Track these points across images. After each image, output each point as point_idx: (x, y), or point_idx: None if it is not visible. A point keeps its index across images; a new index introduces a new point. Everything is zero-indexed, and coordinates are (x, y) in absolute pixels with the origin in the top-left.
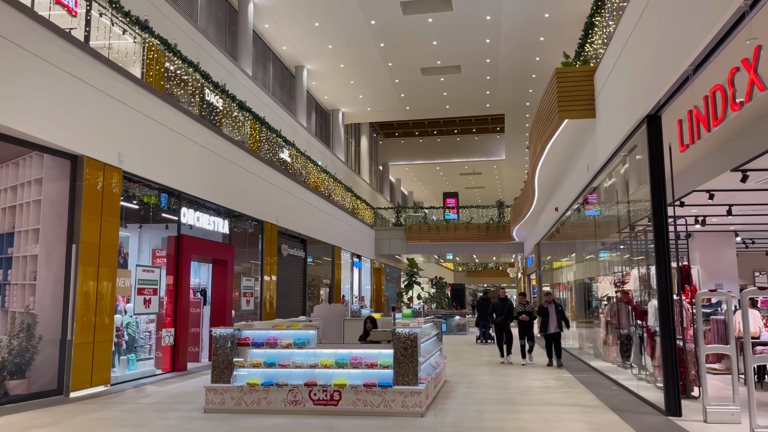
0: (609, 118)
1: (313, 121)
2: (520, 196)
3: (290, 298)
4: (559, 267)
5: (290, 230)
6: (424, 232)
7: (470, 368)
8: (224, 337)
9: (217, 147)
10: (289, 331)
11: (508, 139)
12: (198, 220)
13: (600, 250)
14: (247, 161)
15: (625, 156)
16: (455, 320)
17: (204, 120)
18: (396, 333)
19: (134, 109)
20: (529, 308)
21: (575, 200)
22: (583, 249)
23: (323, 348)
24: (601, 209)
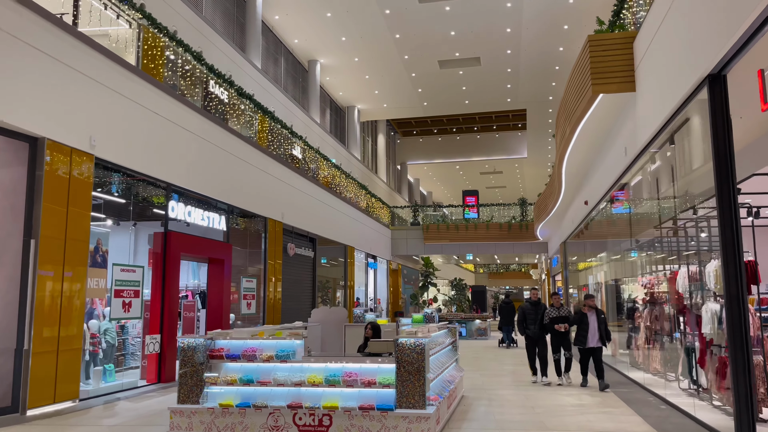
0: (653, 89)
1: (328, 118)
2: (545, 191)
3: (298, 300)
4: (587, 267)
5: (298, 228)
6: (442, 232)
7: (491, 380)
8: (193, 347)
9: (214, 137)
10: (270, 341)
11: (530, 136)
12: (189, 215)
13: (639, 245)
14: (248, 153)
15: (673, 133)
16: (476, 324)
17: (198, 107)
18: (399, 344)
19: (112, 90)
20: (565, 312)
21: (610, 189)
22: (617, 245)
23: (311, 361)
24: (642, 198)
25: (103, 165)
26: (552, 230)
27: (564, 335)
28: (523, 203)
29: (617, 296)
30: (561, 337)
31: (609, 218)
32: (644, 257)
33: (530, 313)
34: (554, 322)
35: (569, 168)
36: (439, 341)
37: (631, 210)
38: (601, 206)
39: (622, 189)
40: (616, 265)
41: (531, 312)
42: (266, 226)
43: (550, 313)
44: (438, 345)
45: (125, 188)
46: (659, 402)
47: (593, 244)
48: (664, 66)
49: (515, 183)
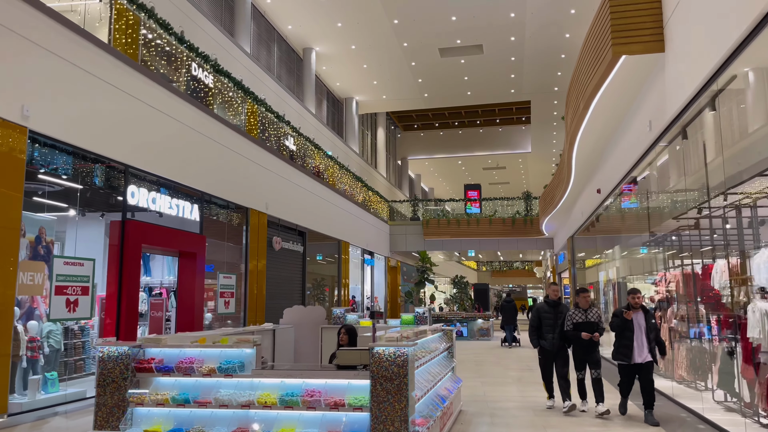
0: (688, 45)
1: (324, 109)
2: (552, 181)
3: (286, 298)
4: (597, 264)
5: (285, 221)
6: (443, 227)
7: (494, 390)
8: (115, 357)
9: (187, 117)
10: (213, 349)
11: (535, 130)
12: (154, 202)
13: (661, 237)
14: (227, 137)
15: (715, 97)
16: (478, 324)
17: (168, 83)
18: (375, 354)
19: (52, 53)
20: (594, 316)
21: (629, 172)
22: (634, 238)
23: (263, 376)
24: (668, 180)
25: (48, 143)
26: (558, 225)
27: (591, 347)
28: (527, 197)
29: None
30: (587, 350)
31: (626, 207)
32: (668, 249)
33: (548, 317)
34: (579, 329)
35: (581, 151)
36: (431, 347)
37: (649, 197)
38: (617, 193)
39: (642, 172)
40: (633, 260)
41: (549, 315)
42: (248, 218)
43: (574, 316)
44: (429, 353)
45: (86, 173)
46: (696, 420)
47: (605, 237)
48: (704, 14)
49: (518, 179)
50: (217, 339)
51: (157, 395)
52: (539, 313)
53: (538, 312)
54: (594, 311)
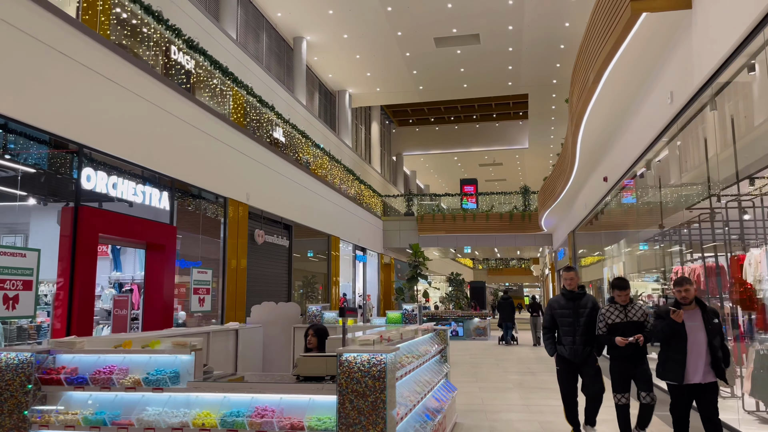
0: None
1: (316, 102)
2: (552, 172)
3: (270, 295)
4: (599, 261)
5: (269, 213)
6: (438, 223)
7: (494, 397)
8: (15, 366)
9: (156, 97)
10: (140, 355)
11: (532, 125)
12: (115, 187)
13: (678, 226)
14: (204, 121)
15: (754, 57)
16: (474, 323)
17: (137, 59)
18: (343, 362)
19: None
20: (637, 314)
21: (644, 153)
22: (645, 228)
23: (202, 390)
24: (688, 162)
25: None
26: (558, 219)
27: (637, 357)
28: (525, 191)
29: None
30: (631, 361)
31: (636, 195)
32: (684, 241)
33: (565, 315)
34: (616, 332)
35: (587, 135)
36: (420, 351)
37: (663, 184)
38: (629, 177)
39: (657, 155)
40: (642, 255)
41: (567, 312)
42: (226, 209)
43: (609, 314)
44: (416, 357)
45: (38, 154)
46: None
47: (610, 230)
48: None
49: (515, 175)
50: (148, 342)
51: (66, 414)
52: (553, 310)
53: (552, 308)
54: (636, 308)
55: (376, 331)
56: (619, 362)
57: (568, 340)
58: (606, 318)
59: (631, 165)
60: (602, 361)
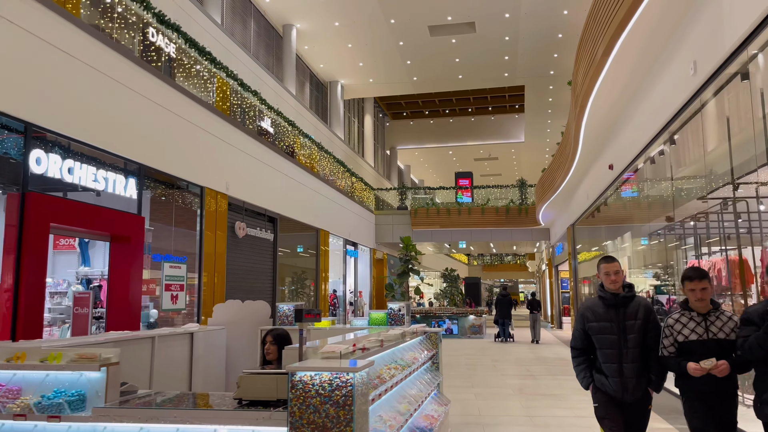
0: None
1: (307, 92)
2: (552, 163)
3: (253, 292)
4: (599, 256)
5: (252, 204)
6: (432, 217)
7: (492, 404)
8: None
9: (124, 75)
10: (36, 371)
11: (529, 118)
12: (70, 172)
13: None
14: (178, 103)
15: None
16: (469, 320)
17: (104, 34)
18: (297, 382)
19: None
20: (724, 327)
21: (657, 136)
22: (654, 218)
23: (114, 418)
24: (709, 144)
25: None
26: (557, 213)
27: (728, 395)
28: (522, 185)
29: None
30: (717, 400)
31: (649, 180)
32: (702, 230)
33: (605, 330)
34: (690, 356)
35: (593, 116)
36: (406, 360)
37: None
38: (639, 165)
39: (671, 136)
40: (650, 248)
41: (607, 327)
42: (203, 199)
43: (681, 328)
44: (400, 369)
45: None
46: None
47: (614, 223)
48: None
49: (511, 170)
50: (44, 357)
51: None
52: (586, 322)
53: (585, 319)
54: (724, 318)
55: (351, 338)
56: (699, 403)
57: (612, 368)
58: (675, 333)
59: (642, 149)
60: (667, 400)
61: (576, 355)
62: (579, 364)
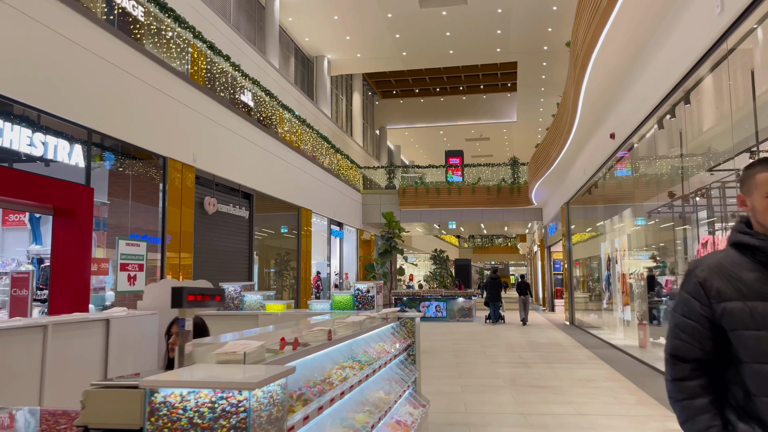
0: None
1: (292, 67)
2: (546, 136)
3: (226, 273)
4: (594, 236)
5: (223, 179)
6: (421, 196)
7: (481, 399)
8: None
9: (69, 28)
10: None
11: (521, 96)
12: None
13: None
14: (139, 66)
15: None
16: (458, 303)
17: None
18: (157, 406)
19: None
20: None
21: (669, 94)
22: (656, 197)
23: None
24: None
25: None
26: (550, 191)
27: None
28: (514, 163)
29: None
30: None
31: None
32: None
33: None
34: None
35: (595, 77)
36: (368, 357)
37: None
38: (646, 133)
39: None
40: (652, 226)
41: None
42: (166, 171)
43: None
44: (356, 371)
45: None
46: None
47: (612, 201)
48: None
49: (503, 151)
50: None
51: None
52: (717, 299)
53: (713, 292)
54: None
55: (294, 327)
56: None
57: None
58: None
59: (651, 110)
60: None
61: (687, 374)
62: (695, 395)
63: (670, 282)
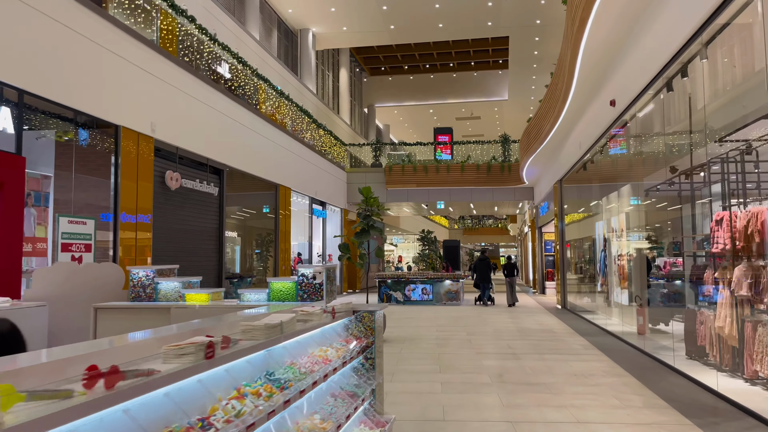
0: None
1: (275, 40)
2: (539, 109)
3: (192, 256)
4: (590, 216)
5: (188, 152)
6: (408, 175)
7: (462, 401)
8: None
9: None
10: None
11: (513, 73)
12: None
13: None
14: (76, 17)
15: None
16: (445, 286)
17: None
18: None
19: None
20: None
21: (680, 51)
22: (657, 171)
23: None
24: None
25: None
26: (542, 169)
27: None
28: (505, 140)
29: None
30: None
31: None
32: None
33: None
34: None
35: (595, 34)
36: (296, 372)
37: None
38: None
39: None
40: (655, 205)
41: None
42: (118, 141)
43: None
44: (271, 398)
45: None
46: None
47: (611, 178)
48: None
49: (493, 131)
50: None
51: None
52: None
53: None
54: None
55: (163, 333)
56: None
57: None
58: None
59: (660, 70)
60: None
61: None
62: None
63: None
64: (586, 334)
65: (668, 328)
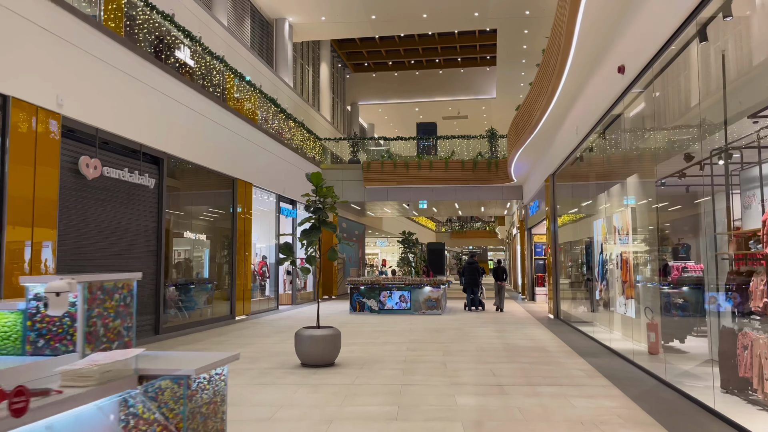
0: None
1: (248, 29)
2: (530, 92)
3: (119, 260)
4: (587, 216)
5: (115, 134)
6: (388, 172)
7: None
8: None
9: None
10: None
11: (501, 69)
12: None
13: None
14: None
15: None
16: (425, 293)
17: None
18: None
19: None
20: None
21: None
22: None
23: None
24: None
25: None
26: (532, 164)
27: None
28: (492, 135)
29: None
30: None
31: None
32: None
33: None
34: None
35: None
36: None
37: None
38: (675, 56)
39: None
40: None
41: None
42: (7, 114)
43: None
44: None
45: None
46: None
47: (614, 166)
48: None
49: (481, 130)
50: None
51: None
52: None
53: None
54: None
55: None
56: None
57: None
58: None
59: (683, 22)
60: None
61: None
62: None
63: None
64: (586, 354)
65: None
